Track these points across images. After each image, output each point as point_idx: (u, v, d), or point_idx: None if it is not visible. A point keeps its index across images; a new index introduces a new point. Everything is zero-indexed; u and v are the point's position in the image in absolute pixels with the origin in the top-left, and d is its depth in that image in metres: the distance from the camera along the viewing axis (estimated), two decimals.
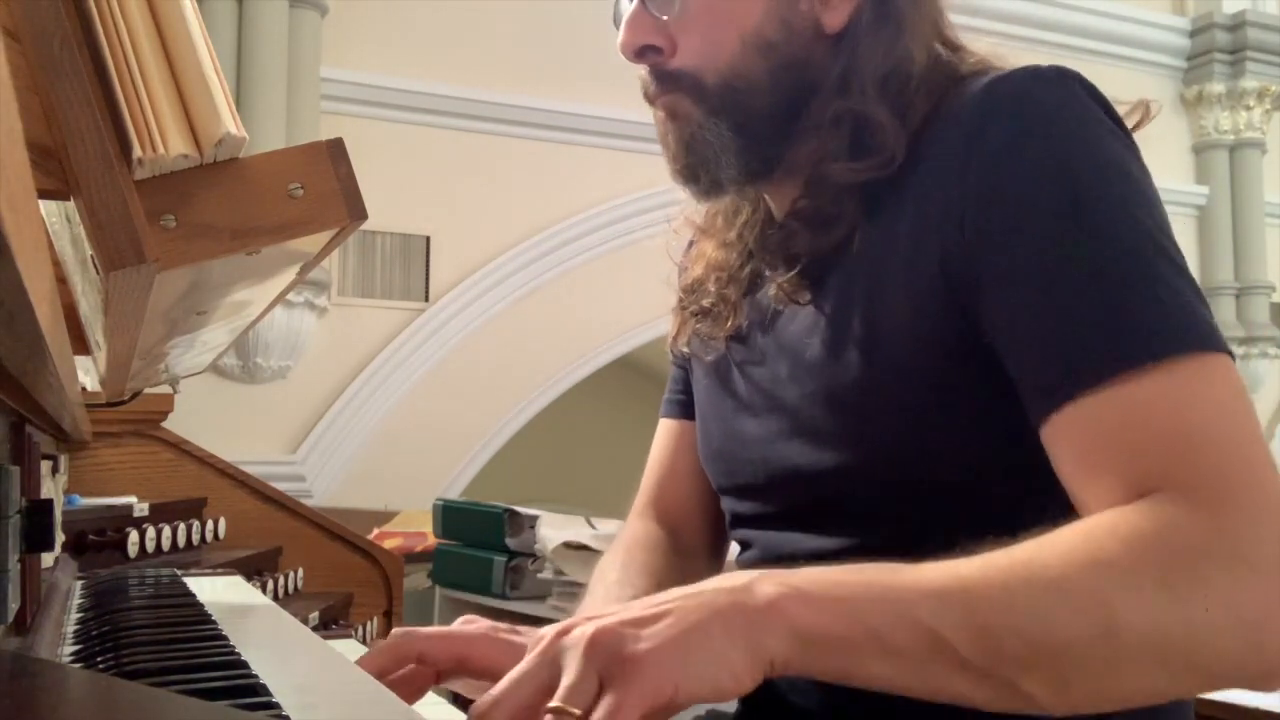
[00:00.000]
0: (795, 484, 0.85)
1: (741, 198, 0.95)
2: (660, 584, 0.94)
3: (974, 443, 0.77)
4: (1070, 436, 0.70)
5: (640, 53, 0.85)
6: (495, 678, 0.77)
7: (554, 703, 0.56)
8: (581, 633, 0.58)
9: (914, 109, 0.81)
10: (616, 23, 0.88)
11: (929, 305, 0.76)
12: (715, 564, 1.06)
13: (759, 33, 0.83)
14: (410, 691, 0.78)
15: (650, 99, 0.87)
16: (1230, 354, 0.70)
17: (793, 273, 0.84)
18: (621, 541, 1.02)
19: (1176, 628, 0.60)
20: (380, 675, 0.75)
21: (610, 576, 0.95)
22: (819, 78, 0.84)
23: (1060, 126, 0.74)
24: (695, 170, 0.85)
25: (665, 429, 1.07)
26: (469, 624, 0.82)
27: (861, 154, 0.81)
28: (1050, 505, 0.74)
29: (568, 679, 0.57)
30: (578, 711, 0.55)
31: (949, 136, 0.77)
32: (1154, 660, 0.61)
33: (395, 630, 0.79)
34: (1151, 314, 0.68)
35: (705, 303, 0.95)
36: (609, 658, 0.57)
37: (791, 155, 0.86)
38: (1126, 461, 0.67)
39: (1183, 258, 0.73)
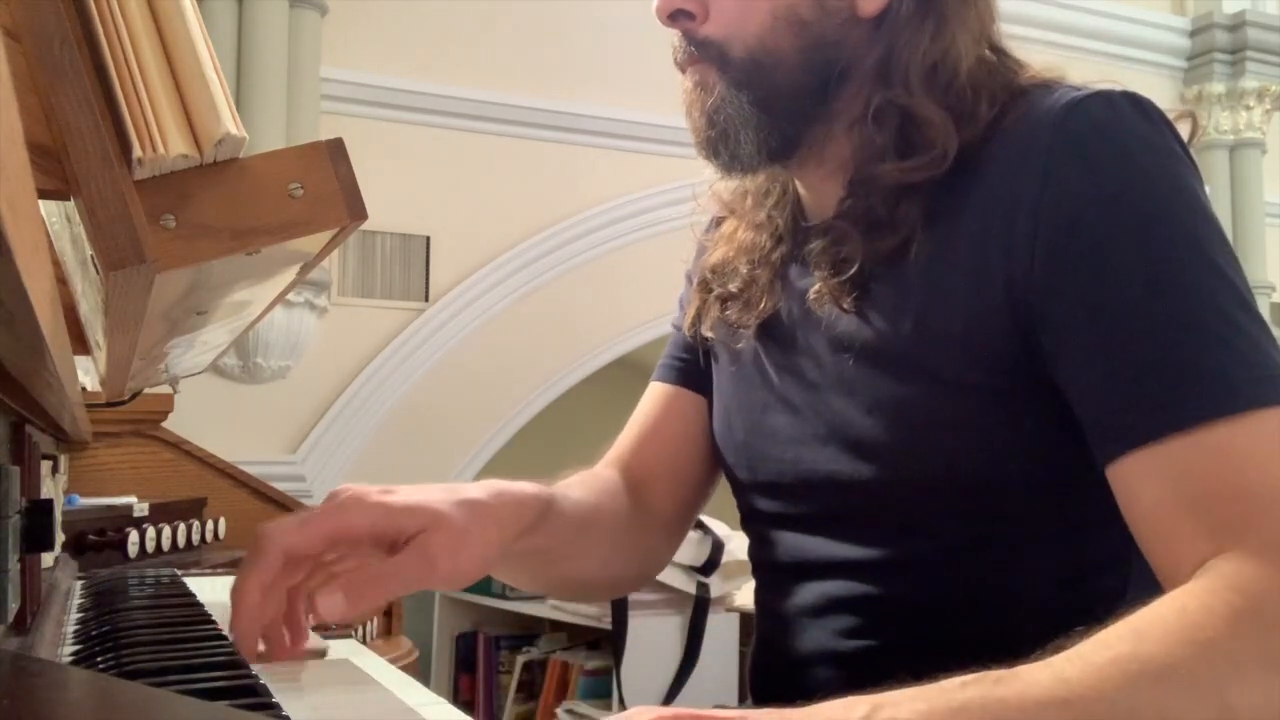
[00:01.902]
0: (829, 489, 0.83)
1: (769, 179, 0.93)
2: (602, 522, 0.91)
3: (1014, 462, 0.76)
4: (1149, 479, 0.69)
5: (673, 16, 0.84)
6: (379, 544, 0.74)
7: None
8: None
9: (972, 114, 0.79)
10: None
11: (987, 325, 0.75)
12: (671, 541, 1.03)
13: (791, 8, 0.81)
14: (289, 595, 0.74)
15: (680, 67, 0.86)
16: None
17: (842, 278, 0.81)
18: (580, 475, 0.98)
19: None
20: (261, 589, 0.71)
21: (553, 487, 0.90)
22: (853, 62, 0.82)
23: (1140, 163, 0.73)
24: (716, 144, 0.84)
25: (657, 392, 1.03)
26: (338, 494, 0.76)
27: (909, 152, 0.79)
28: (1085, 528, 0.74)
29: None
30: None
31: (1019, 158, 0.75)
32: None
33: (256, 537, 0.73)
34: (1233, 364, 0.68)
35: (734, 286, 0.92)
36: None
37: (821, 143, 0.85)
38: (1204, 512, 0.66)
39: (1254, 301, 0.72)
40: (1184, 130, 0.77)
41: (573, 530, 0.88)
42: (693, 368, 1.01)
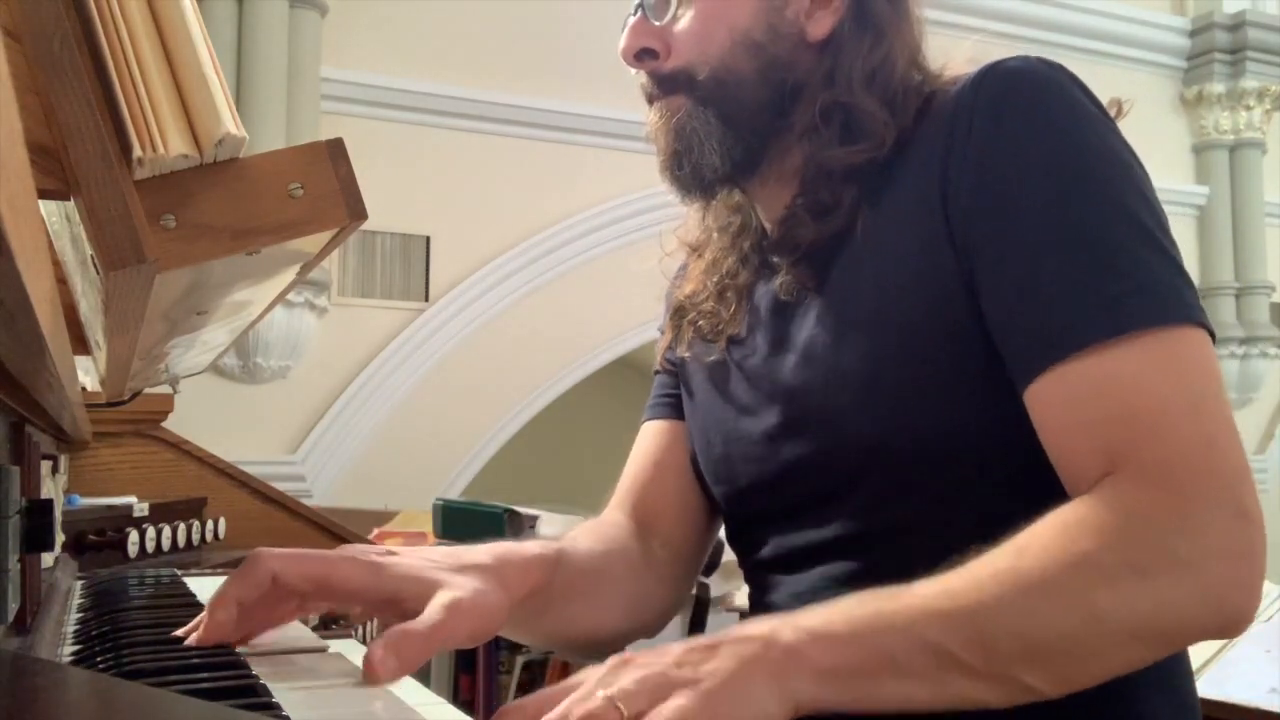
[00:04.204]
0: (809, 474, 0.86)
1: (725, 207, 0.99)
2: (614, 568, 0.94)
3: (985, 416, 0.78)
4: (1046, 405, 0.74)
5: (639, 56, 0.91)
6: (359, 601, 0.77)
7: (609, 692, 0.59)
8: (633, 677, 0.61)
9: (904, 105, 0.86)
10: None
11: (940, 278, 0.79)
12: (685, 577, 1.04)
13: (747, 33, 0.88)
14: (268, 621, 0.77)
15: (650, 102, 0.92)
16: (1207, 327, 0.74)
17: (797, 259, 0.88)
18: (588, 524, 1.01)
19: (1149, 606, 0.66)
20: (238, 604, 0.73)
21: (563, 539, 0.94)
22: (804, 80, 0.89)
23: (1049, 104, 0.78)
24: (680, 158, 0.89)
25: (649, 430, 1.06)
26: (345, 549, 0.79)
27: (852, 141, 0.86)
28: (1055, 479, 0.75)
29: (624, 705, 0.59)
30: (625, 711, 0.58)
31: (943, 117, 0.81)
32: (1133, 638, 0.66)
33: (251, 553, 0.76)
34: (1123, 288, 0.72)
35: (705, 307, 0.97)
36: (663, 706, 0.59)
37: (779, 157, 0.90)
38: (1097, 434, 0.71)
39: (1165, 233, 0.76)
40: (1111, 113, 0.82)
41: (583, 582, 0.91)
42: (678, 401, 1.03)
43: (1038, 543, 0.67)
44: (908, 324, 0.80)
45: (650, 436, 1.05)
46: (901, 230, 0.82)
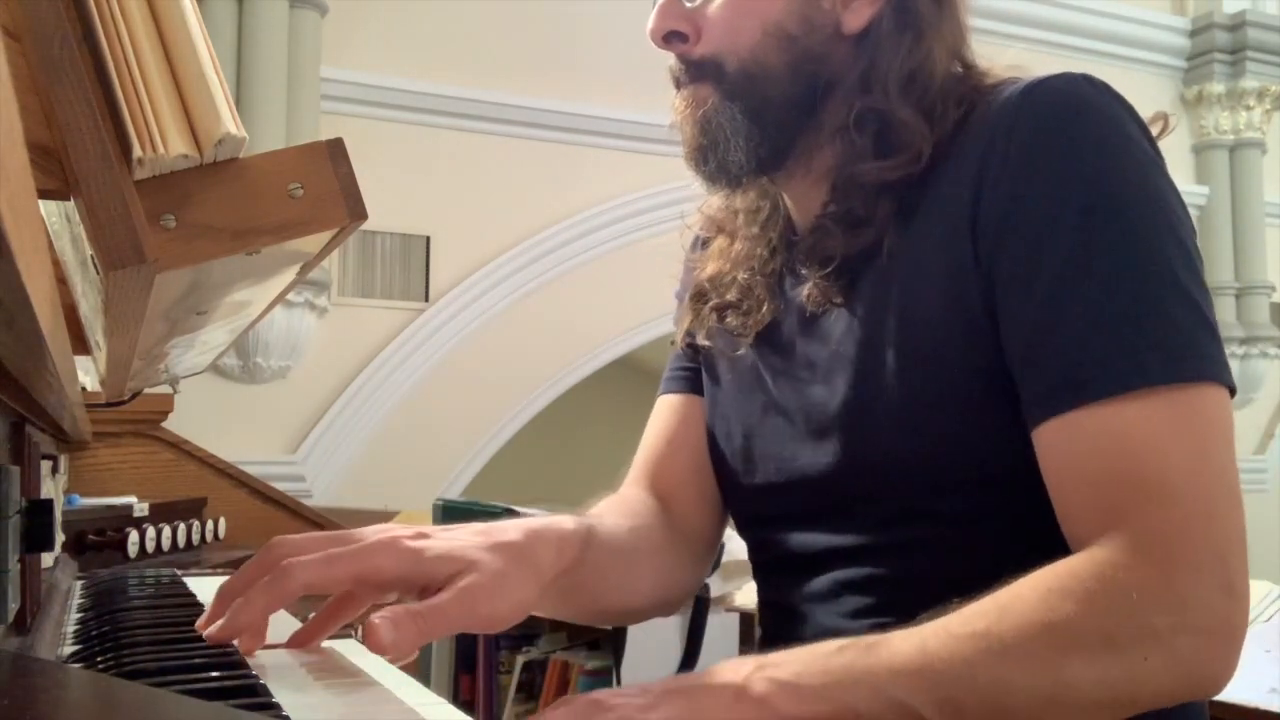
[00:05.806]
0: (827, 483, 0.85)
1: (753, 190, 0.95)
2: (640, 541, 0.93)
3: (1003, 438, 0.78)
4: (1052, 450, 0.73)
5: (667, 39, 0.88)
6: (408, 590, 0.75)
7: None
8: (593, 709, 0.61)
9: (942, 114, 0.83)
10: None
11: (964, 303, 0.77)
12: (706, 551, 1.03)
13: (780, 24, 0.85)
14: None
15: (678, 86, 0.89)
16: (1228, 385, 0.72)
17: (826, 272, 0.85)
18: (609, 501, 0.99)
19: (1120, 679, 0.66)
20: (264, 613, 0.72)
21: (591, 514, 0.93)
22: (838, 75, 0.86)
23: (1091, 137, 0.75)
24: (705, 152, 0.87)
25: (665, 404, 1.04)
26: (369, 534, 0.76)
27: (887, 153, 0.83)
28: None
29: None
30: None
31: (981, 136, 0.78)
32: (1101, 705, 0.67)
33: (267, 549, 0.73)
34: (1143, 340, 0.70)
35: (731, 296, 0.94)
36: None
37: (808, 153, 0.88)
38: (1099, 491, 0.70)
39: (1196, 280, 0.73)
40: (1155, 130, 0.79)
41: (615, 560, 0.89)
42: (699, 376, 1.02)
43: (1018, 606, 0.67)
44: (932, 350, 0.79)
45: (668, 411, 1.03)
46: (930, 253, 0.80)
